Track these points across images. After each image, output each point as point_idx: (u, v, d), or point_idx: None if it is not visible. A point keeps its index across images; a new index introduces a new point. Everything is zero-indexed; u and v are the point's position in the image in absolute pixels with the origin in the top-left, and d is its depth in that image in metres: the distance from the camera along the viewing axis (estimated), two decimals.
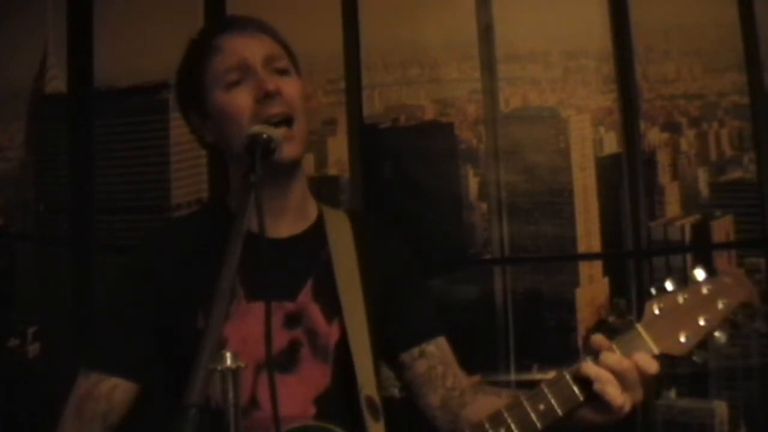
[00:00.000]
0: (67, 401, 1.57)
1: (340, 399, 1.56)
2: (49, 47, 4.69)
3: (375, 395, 1.56)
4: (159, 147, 4.66)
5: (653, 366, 1.43)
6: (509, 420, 1.43)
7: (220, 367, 1.15)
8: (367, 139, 4.49)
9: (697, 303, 1.47)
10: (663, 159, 4.82)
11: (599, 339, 1.45)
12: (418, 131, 4.99)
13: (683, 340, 1.45)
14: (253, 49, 1.58)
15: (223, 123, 1.57)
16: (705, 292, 1.47)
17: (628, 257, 4.51)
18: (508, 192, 4.66)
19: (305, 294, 1.58)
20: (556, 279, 4.86)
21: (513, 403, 1.45)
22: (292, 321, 1.56)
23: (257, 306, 1.52)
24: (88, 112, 4.35)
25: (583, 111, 4.85)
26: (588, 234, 4.78)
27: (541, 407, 1.43)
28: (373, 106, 4.92)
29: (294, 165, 1.58)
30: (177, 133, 4.56)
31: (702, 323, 1.45)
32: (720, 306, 1.46)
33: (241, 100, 1.55)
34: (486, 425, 1.45)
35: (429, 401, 1.64)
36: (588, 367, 1.42)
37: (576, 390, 1.43)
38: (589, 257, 4.87)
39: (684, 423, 4.49)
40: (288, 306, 1.56)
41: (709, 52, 4.73)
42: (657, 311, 1.46)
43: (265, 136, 1.43)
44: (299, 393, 1.54)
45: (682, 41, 4.78)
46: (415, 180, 4.78)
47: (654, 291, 1.49)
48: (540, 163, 4.74)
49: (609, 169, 4.71)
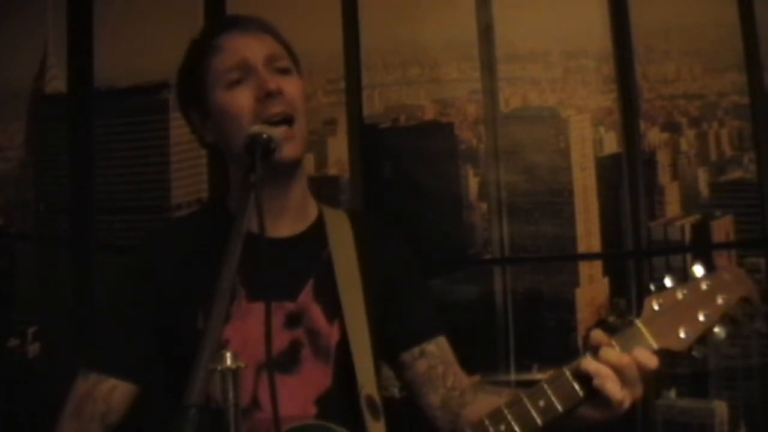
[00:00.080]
0: (66, 402, 1.57)
1: (341, 399, 1.56)
2: (49, 47, 4.69)
3: (376, 395, 1.56)
4: (159, 147, 4.66)
5: (653, 361, 1.42)
6: (509, 417, 1.43)
7: (220, 367, 1.15)
8: (367, 139, 4.49)
9: (697, 299, 1.46)
10: (663, 159, 4.82)
11: (599, 335, 1.45)
12: (418, 131, 4.99)
13: (683, 335, 1.45)
14: (255, 49, 1.58)
15: (224, 122, 1.57)
16: (704, 287, 1.47)
17: (628, 257, 4.51)
18: (508, 192, 4.66)
19: (306, 294, 1.58)
20: (556, 279, 4.85)
21: (513, 401, 1.44)
22: (292, 321, 1.56)
23: (258, 307, 1.51)
24: (88, 112, 4.35)
25: (583, 111, 4.85)
26: (588, 234, 4.77)
27: (541, 404, 1.43)
28: (373, 106, 4.92)
29: (294, 165, 1.58)
30: (177, 133, 4.56)
31: (701, 319, 1.45)
32: (719, 301, 1.46)
33: (242, 99, 1.55)
34: (486, 422, 1.44)
35: (429, 401, 1.64)
36: (588, 363, 1.42)
37: (576, 386, 1.43)
38: (589, 257, 4.86)
39: (684, 423, 4.48)
40: (288, 306, 1.56)
41: (709, 52, 4.73)
42: (656, 307, 1.46)
43: (265, 135, 1.43)
44: (300, 393, 1.54)
45: (682, 41, 4.78)
46: (415, 180, 4.78)
47: (653, 287, 1.49)
48: (540, 163, 4.74)
49: (609, 169, 4.71)
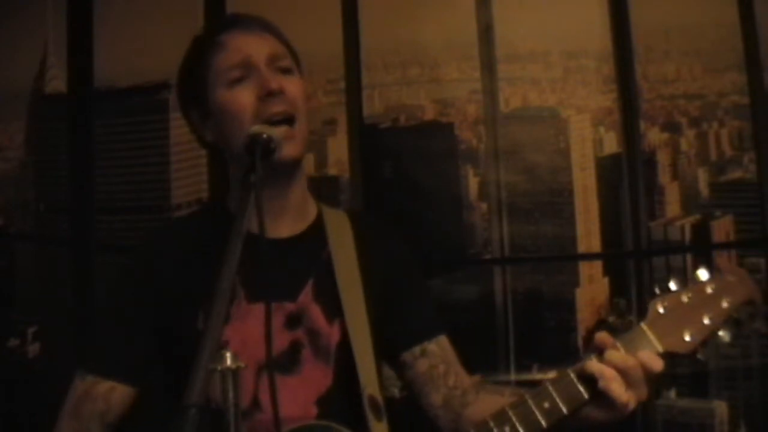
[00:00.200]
0: (65, 402, 1.57)
1: (341, 399, 1.55)
2: (49, 47, 4.69)
3: (378, 395, 1.55)
4: (159, 147, 4.66)
5: (658, 364, 1.43)
6: (514, 418, 1.43)
7: (220, 368, 1.15)
8: (367, 139, 4.49)
9: (702, 302, 1.47)
10: (663, 159, 4.82)
11: (604, 337, 1.45)
12: (418, 131, 4.99)
13: (688, 338, 1.45)
14: (257, 48, 1.58)
15: (225, 121, 1.56)
16: (709, 291, 1.48)
17: (628, 257, 4.51)
18: (508, 192, 4.66)
19: (306, 294, 1.57)
20: (556, 279, 4.85)
21: (517, 402, 1.44)
22: (292, 322, 1.55)
23: (257, 307, 1.51)
24: (88, 112, 4.35)
25: (583, 111, 4.85)
26: (588, 234, 4.77)
27: (546, 405, 1.43)
28: (373, 106, 4.91)
29: (294, 165, 1.57)
30: (177, 133, 4.56)
31: (706, 322, 1.46)
32: (724, 305, 1.47)
33: (244, 97, 1.54)
34: (490, 424, 1.44)
35: (431, 400, 1.63)
36: (593, 365, 1.42)
37: (580, 388, 1.43)
38: (589, 257, 4.86)
39: (684, 423, 4.48)
40: (288, 306, 1.56)
41: (709, 52, 4.73)
42: (661, 310, 1.47)
43: (265, 135, 1.43)
44: (301, 394, 1.53)
45: (682, 41, 4.78)
46: (415, 180, 4.78)
47: (658, 290, 1.49)
48: (540, 163, 4.74)
49: (609, 169, 4.71)
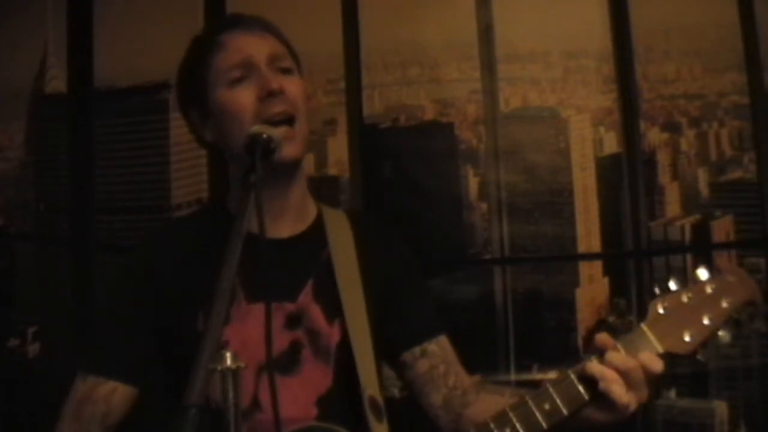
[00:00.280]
0: (65, 404, 1.56)
1: (341, 400, 1.55)
2: (49, 47, 4.69)
3: (378, 395, 1.55)
4: (159, 147, 4.66)
5: (658, 365, 1.43)
6: (514, 419, 1.43)
7: (220, 368, 1.15)
8: (367, 139, 4.49)
9: (702, 302, 1.47)
10: (663, 159, 4.82)
11: (604, 338, 1.45)
12: (418, 131, 4.99)
13: (688, 339, 1.45)
14: (258, 48, 1.58)
15: (225, 121, 1.56)
16: (709, 291, 1.47)
17: (628, 257, 4.51)
18: (508, 192, 4.66)
19: (306, 294, 1.57)
20: (556, 279, 4.85)
21: (518, 403, 1.44)
22: (292, 322, 1.55)
23: (257, 308, 1.51)
24: (88, 112, 4.35)
25: (583, 111, 4.85)
26: (588, 234, 4.77)
27: (546, 407, 1.43)
28: (373, 106, 4.92)
29: (294, 165, 1.57)
30: (177, 133, 4.56)
31: (706, 322, 1.45)
32: (724, 305, 1.46)
33: (244, 97, 1.54)
34: (491, 425, 1.44)
35: (431, 401, 1.63)
36: (593, 366, 1.42)
37: (581, 389, 1.43)
38: (589, 257, 4.87)
39: (684, 423, 4.48)
40: (288, 307, 1.56)
41: (709, 52, 4.73)
42: (661, 310, 1.46)
43: (265, 135, 1.43)
44: (301, 394, 1.53)
45: (682, 41, 4.78)
46: (415, 180, 4.78)
47: (658, 290, 1.49)
48: (540, 163, 4.74)
49: (609, 169, 4.71)
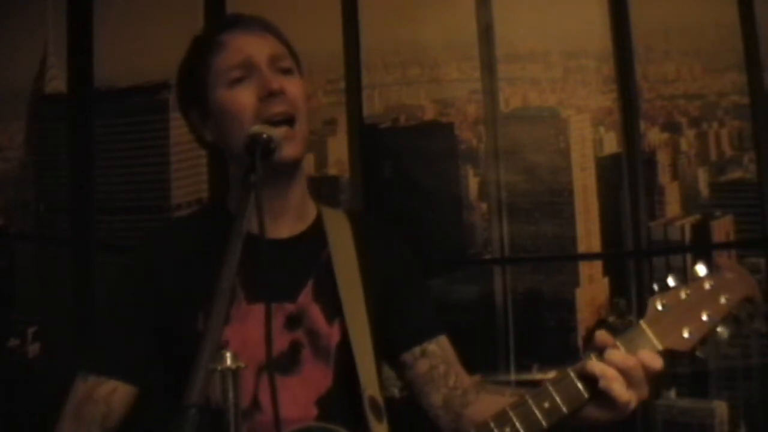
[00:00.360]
0: (65, 404, 1.56)
1: (341, 400, 1.55)
2: (49, 47, 4.69)
3: (378, 396, 1.55)
4: (159, 147, 4.66)
5: (658, 362, 1.43)
6: (514, 419, 1.43)
7: (220, 367, 1.15)
8: (367, 139, 4.49)
9: (700, 298, 1.47)
10: (663, 159, 4.82)
11: (603, 336, 1.45)
12: (418, 131, 4.99)
13: (686, 335, 1.45)
14: (258, 48, 1.57)
15: (225, 121, 1.56)
16: (707, 287, 1.47)
17: (628, 257, 4.51)
18: (508, 192, 4.66)
19: (306, 295, 1.57)
20: (556, 279, 4.85)
21: (518, 402, 1.44)
22: (292, 322, 1.55)
23: (257, 308, 1.51)
24: (88, 112, 4.35)
25: (583, 111, 4.85)
26: (588, 234, 4.77)
27: (546, 405, 1.43)
28: (373, 106, 4.92)
29: (294, 165, 1.57)
30: (177, 133, 4.56)
31: (705, 318, 1.45)
32: (722, 301, 1.46)
33: (245, 97, 1.54)
34: (491, 424, 1.44)
35: (431, 401, 1.63)
36: (593, 365, 1.42)
37: (581, 387, 1.43)
38: (589, 257, 4.86)
39: (684, 423, 4.48)
40: (288, 307, 1.55)
41: (709, 52, 4.73)
42: (660, 307, 1.46)
43: (265, 136, 1.43)
44: (301, 395, 1.53)
45: (682, 41, 4.78)
46: (415, 180, 4.78)
47: (656, 287, 1.49)
48: (540, 163, 4.74)
49: (609, 169, 4.71)
